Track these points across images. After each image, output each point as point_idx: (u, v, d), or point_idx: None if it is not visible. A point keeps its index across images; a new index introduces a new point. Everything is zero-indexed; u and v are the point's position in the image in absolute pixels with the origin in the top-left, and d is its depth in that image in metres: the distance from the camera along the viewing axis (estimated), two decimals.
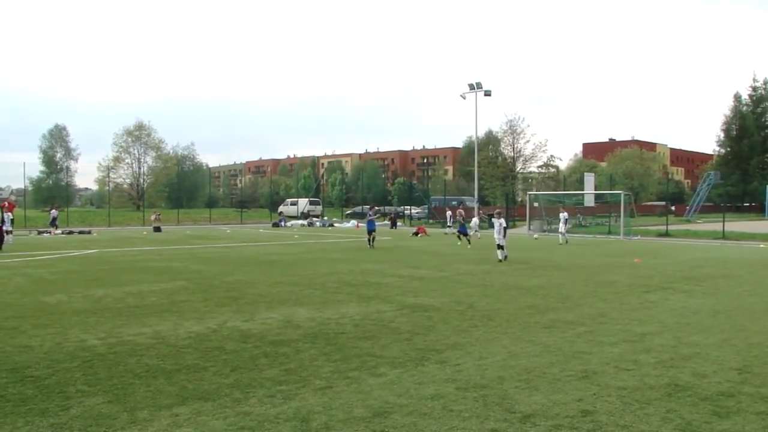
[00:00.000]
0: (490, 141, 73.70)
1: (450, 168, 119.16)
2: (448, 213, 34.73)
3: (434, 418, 4.61)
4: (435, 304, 9.94)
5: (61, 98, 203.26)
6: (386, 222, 42.63)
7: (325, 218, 54.00)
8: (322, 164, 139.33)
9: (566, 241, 25.64)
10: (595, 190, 43.97)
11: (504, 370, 5.93)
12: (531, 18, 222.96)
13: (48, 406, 4.87)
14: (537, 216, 36.90)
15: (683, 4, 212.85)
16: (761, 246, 24.28)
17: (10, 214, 28.33)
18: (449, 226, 33.29)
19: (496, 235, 17.73)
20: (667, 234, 31.17)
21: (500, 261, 17.01)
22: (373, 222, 23.43)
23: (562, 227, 26.29)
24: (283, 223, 46.86)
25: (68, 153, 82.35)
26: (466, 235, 24.27)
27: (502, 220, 17.69)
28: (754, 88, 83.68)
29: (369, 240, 23.01)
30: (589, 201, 41.75)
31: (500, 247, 17.34)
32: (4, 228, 32.10)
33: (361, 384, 5.47)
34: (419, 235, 31.48)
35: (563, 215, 26.68)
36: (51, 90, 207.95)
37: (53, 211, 38.25)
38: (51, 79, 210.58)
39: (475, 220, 31.07)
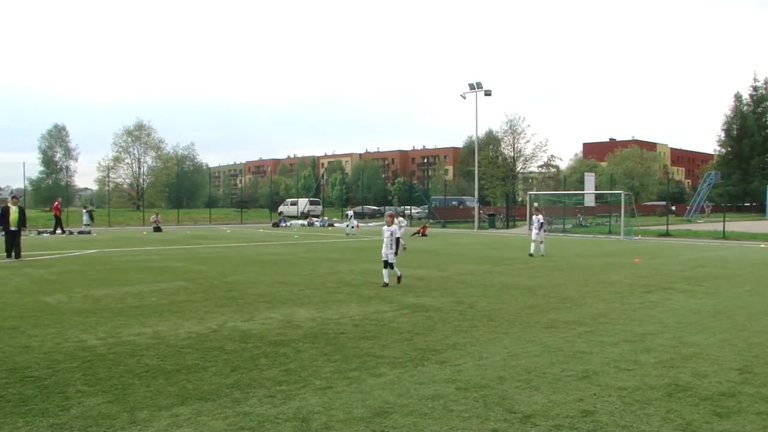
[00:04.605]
0: (491, 141, 73.72)
1: (450, 168, 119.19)
2: (349, 213, 39.09)
3: (434, 418, 4.60)
4: (435, 304, 9.93)
5: (61, 98, 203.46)
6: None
7: (325, 218, 54.00)
8: (322, 164, 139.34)
9: (541, 253, 19.01)
10: (596, 189, 43.97)
11: (504, 370, 5.93)
12: (532, 17, 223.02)
13: (48, 407, 4.86)
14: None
15: (683, 4, 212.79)
16: (762, 246, 24.27)
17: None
18: (351, 226, 36.49)
19: (384, 249, 12.09)
20: (667, 234, 31.17)
21: (385, 285, 11.81)
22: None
23: (536, 233, 19.48)
24: (283, 223, 46.85)
25: (68, 153, 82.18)
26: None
27: (395, 228, 12.41)
28: (755, 88, 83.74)
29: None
30: (590, 201, 41.77)
31: (389, 265, 12.03)
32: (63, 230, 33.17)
33: (361, 384, 5.46)
34: (421, 234, 31.85)
35: (537, 218, 19.87)
36: (51, 90, 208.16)
37: (85, 211, 38.17)
38: (51, 79, 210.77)
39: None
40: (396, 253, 12.25)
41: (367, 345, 6.99)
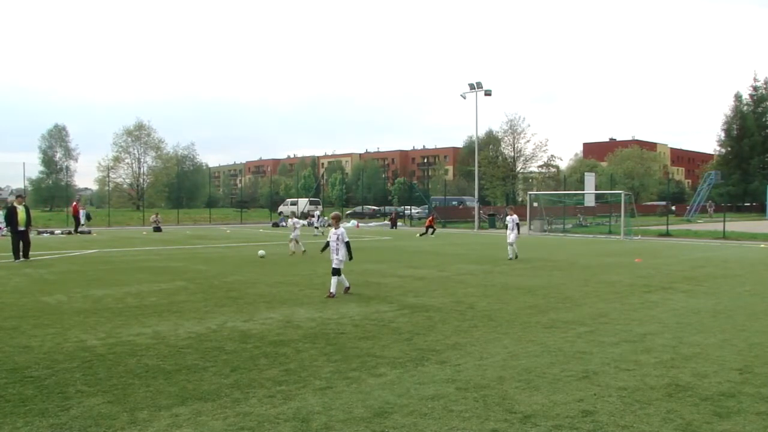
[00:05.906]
0: (491, 141, 73.78)
1: (450, 168, 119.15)
2: (316, 213, 41.05)
3: (434, 418, 4.60)
4: (435, 304, 9.93)
5: (60, 98, 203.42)
6: (386, 222, 42.65)
7: (325, 218, 53.95)
8: (322, 164, 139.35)
9: (515, 255, 18.00)
10: (596, 189, 43.96)
11: (504, 370, 5.93)
12: (532, 18, 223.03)
13: (48, 407, 4.86)
14: (537, 216, 36.88)
15: (683, 4, 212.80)
16: (762, 246, 24.26)
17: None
18: (317, 227, 36.44)
19: (333, 255, 10.83)
20: (667, 234, 31.16)
21: (330, 296, 10.48)
22: None
23: (511, 235, 18.11)
24: (282, 223, 46.84)
25: (68, 153, 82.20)
26: None
27: (342, 231, 10.91)
28: (755, 88, 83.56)
29: None
30: (590, 201, 41.76)
31: (337, 272, 10.72)
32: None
33: (361, 384, 5.46)
34: (431, 229, 32.29)
35: (512, 218, 18.46)
36: (51, 90, 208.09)
37: (82, 211, 38.03)
38: (50, 79, 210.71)
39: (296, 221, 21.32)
40: (341, 258, 10.75)
41: (367, 345, 6.98)
